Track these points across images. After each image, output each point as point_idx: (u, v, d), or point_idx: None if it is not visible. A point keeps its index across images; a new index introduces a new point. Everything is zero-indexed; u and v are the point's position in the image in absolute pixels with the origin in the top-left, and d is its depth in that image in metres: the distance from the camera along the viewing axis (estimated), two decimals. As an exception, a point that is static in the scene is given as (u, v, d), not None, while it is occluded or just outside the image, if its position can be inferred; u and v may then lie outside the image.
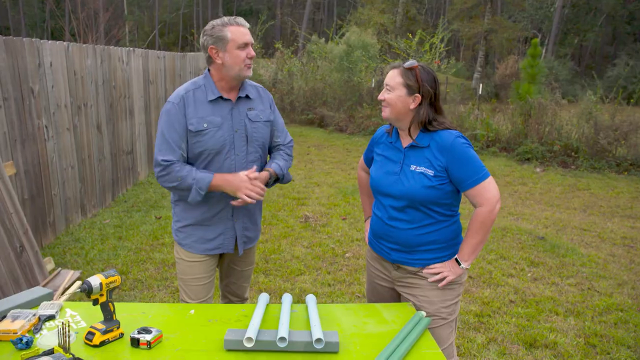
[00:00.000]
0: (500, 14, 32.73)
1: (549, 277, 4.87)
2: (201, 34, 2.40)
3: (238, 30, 2.31)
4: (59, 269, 4.34)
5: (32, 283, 3.93)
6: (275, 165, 2.58)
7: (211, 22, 2.37)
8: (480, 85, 14.64)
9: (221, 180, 2.34)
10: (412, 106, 2.20)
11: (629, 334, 3.84)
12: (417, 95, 2.19)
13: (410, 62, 2.20)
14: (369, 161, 2.58)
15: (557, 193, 8.33)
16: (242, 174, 2.35)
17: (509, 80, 20.23)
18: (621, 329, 3.93)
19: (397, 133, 2.33)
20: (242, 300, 2.90)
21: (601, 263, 5.30)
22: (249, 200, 2.34)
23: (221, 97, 2.41)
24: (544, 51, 29.49)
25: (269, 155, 2.76)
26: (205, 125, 2.37)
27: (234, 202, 2.40)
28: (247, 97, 2.49)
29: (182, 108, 2.37)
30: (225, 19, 2.33)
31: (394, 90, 2.19)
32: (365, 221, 2.78)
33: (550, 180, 9.23)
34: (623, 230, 6.47)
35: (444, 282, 2.27)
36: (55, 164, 5.23)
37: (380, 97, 2.25)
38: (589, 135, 10.45)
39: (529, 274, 4.92)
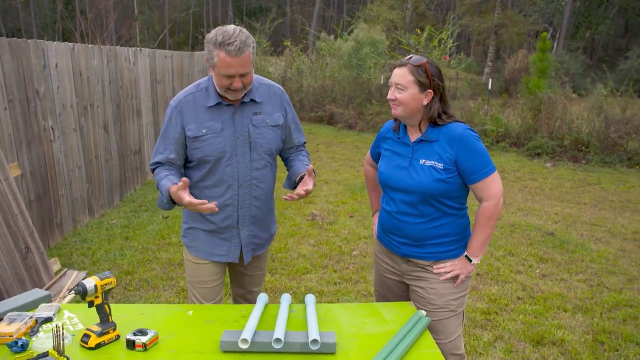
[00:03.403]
0: (511, 8, 32.42)
1: (558, 273, 4.82)
2: None
3: (224, 61, 2.12)
4: (65, 270, 4.36)
5: (38, 284, 3.95)
6: (308, 165, 2.43)
7: (215, 31, 2.19)
8: (491, 80, 14.51)
9: (173, 196, 2.12)
10: (425, 102, 2.21)
11: (638, 331, 3.78)
12: (430, 91, 2.19)
13: (418, 59, 2.19)
14: (376, 156, 2.58)
15: (568, 188, 8.24)
16: (186, 200, 2.06)
17: (519, 75, 20.03)
18: (630, 325, 3.87)
19: (405, 128, 2.33)
20: None
21: (611, 259, 5.23)
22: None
23: (222, 103, 2.31)
24: (555, 45, 29.21)
25: (280, 155, 2.64)
26: (204, 131, 2.29)
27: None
28: (252, 101, 2.36)
29: (180, 113, 2.32)
30: (220, 38, 2.12)
31: (407, 90, 2.17)
32: (373, 216, 2.77)
33: (560, 175, 9.13)
34: (634, 226, 6.39)
35: (458, 282, 2.30)
36: (62, 165, 5.25)
37: (391, 96, 2.22)
38: (600, 130, 10.33)
39: (538, 271, 4.86)
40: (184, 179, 2.09)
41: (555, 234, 5.89)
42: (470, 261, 2.28)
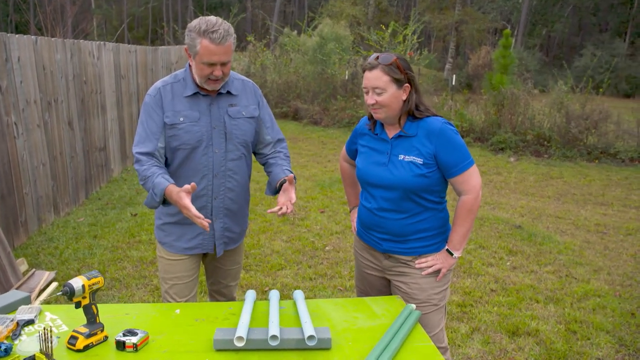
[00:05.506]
0: (470, 5, 32.99)
1: (527, 265, 4.93)
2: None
3: (207, 48, 2.14)
4: (33, 270, 4.21)
5: (5, 286, 3.81)
6: (288, 171, 2.45)
7: (197, 20, 2.19)
8: (454, 76, 14.74)
9: (169, 194, 2.11)
10: (404, 97, 2.20)
11: (607, 319, 3.90)
12: (407, 85, 2.18)
13: (386, 57, 2.16)
14: (351, 152, 2.56)
15: (531, 182, 8.44)
16: (186, 202, 2.04)
17: (482, 71, 20.41)
18: (599, 314, 3.99)
19: (381, 125, 2.31)
20: (230, 301, 2.80)
21: (577, 250, 5.38)
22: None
23: (199, 93, 2.33)
24: (513, 42, 29.86)
25: (257, 157, 2.65)
26: (181, 119, 2.30)
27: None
28: (228, 93, 2.38)
29: (158, 100, 2.32)
30: (203, 26, 2.14)
31: (386, 90, 2.15)
32: (350, 211, 2.75)
33: (524, 169, 9.35)
34: (596, 218, 6.59)
35: (440, 276, 2.31)
36: (26, 161, 5.07)
37: (371, 100, 2.18)
38: (561, 125, 10.62)
39: (508, 263, 4.96)
40: (193, 183, 2.06)
41: (523, 227, 6.03)
42: (451, 254, 2.29)
